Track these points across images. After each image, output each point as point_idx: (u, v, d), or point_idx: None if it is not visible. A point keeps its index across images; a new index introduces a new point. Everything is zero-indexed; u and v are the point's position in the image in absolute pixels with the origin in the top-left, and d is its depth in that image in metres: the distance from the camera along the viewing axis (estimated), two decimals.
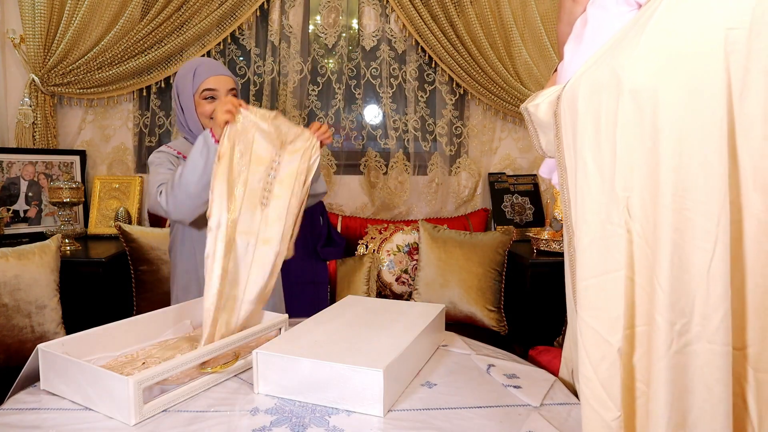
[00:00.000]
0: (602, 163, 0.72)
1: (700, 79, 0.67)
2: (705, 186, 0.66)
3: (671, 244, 0.67)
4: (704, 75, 0.67)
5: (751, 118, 0.66)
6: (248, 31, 2.81)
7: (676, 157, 0.67)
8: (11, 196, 2.54)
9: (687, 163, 0.67)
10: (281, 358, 1.14)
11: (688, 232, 0.67)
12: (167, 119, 2.83)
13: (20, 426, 1.02)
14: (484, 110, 2.99)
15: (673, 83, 0.68)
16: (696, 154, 0.67)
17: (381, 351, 1.15)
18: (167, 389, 1.11)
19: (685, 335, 0.67)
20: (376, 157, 2.95)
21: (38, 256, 1.87)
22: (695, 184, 0.66)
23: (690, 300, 0.67)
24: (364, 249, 2.64)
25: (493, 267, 2.44)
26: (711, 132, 0.66)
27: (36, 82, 2.55)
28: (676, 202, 0.67)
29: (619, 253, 0.71)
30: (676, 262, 0.67)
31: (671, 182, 0.67)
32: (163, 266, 2.30)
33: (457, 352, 1.43)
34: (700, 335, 0.67)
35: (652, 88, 0.68)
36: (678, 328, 0.68)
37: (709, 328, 0.66)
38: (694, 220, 0.66)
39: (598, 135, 0.72)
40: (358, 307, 1.49)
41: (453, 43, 2.76)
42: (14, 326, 1.76)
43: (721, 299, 0.66)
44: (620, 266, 0.71)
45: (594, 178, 0.72)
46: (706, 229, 0.66)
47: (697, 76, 0.67)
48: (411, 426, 1.04)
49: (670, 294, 0.67)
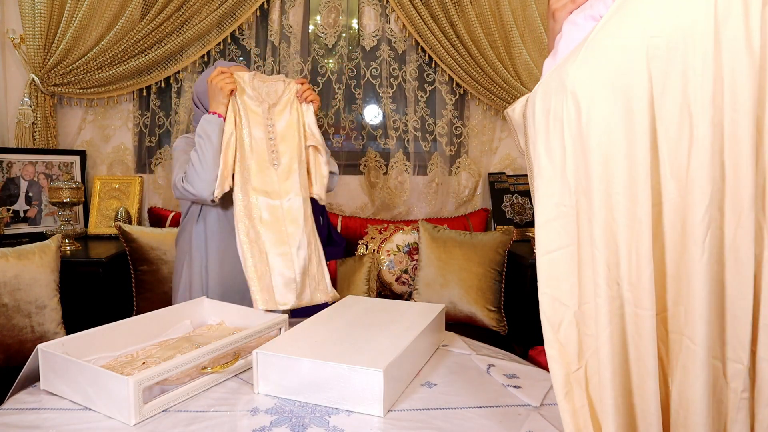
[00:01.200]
0: (553, 155, 0.84)
1: (626, 81, 0.78)
2: (628, 173, 0.78)
3: (604, 223, 0.80)
4: (629, 77, 0.78)
5: (670, 114, 0.78)
6: (248, 31, 2.81)
7: (605, 147, 0.80)
8: (11, 196, 2.54)
9: (613, 153, 0.79)
10: (281, 358, 1.14)
11: (615, 211, 0.79)
12: (167, 119, 2.83)
13: (20, 426, 1.02)
14: (484, 110, 2.99)
15: (603, 85, 0.80)
16: (620, 147, 0.79)
17: (381, 351, 1.15)
18: (167, 389, 1.11)
19: (618, 299, 0.80)
20: (376, 157, 2.95)
21: (38, 256, 1.87)
22: (619, 171, 0.79)
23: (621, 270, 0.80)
24: (364, 249, 2.64)
25: (493, 267, 2.44)
26: (634, 129, 0.78)
27: (36, 82, 2.55)
28: (606, 185, 0.80)
29: (572, 230, 0.84)
30: (609, 238, 0.80)
31: (600, 168, 0.80)
32: (163, 266, 2.30)
33: (457, 352, 1.43)
34: (629, 300, 0.80)
35: (588, 89, 0.80)
36: (613, 293, 0.81)
37: (636, 293, 0.79)
38: (620, 201, 0.79)
39: (548, 131, 0.85)
40: (358, 307, 1.49)
41: (453, 43, 2.76)
42: (14, 326, 1.76)
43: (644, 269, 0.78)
44: (573, 241, 0.84)
45: (546, 167, 0.85)
46: (629, 209, 0.78)
47: (623, 79, 0.79)
48: (411, 426, 1.04)
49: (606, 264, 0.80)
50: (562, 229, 0.84)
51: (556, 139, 0.83)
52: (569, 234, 0.84)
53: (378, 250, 2.62)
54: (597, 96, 0.80)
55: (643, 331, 0.79)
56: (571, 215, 0.84)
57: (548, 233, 0.85)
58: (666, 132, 0.78)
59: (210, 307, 1.53)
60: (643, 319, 0.79)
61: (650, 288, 0.78)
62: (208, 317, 1.52)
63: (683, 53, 0.76)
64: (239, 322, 1.46)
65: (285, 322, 1.41)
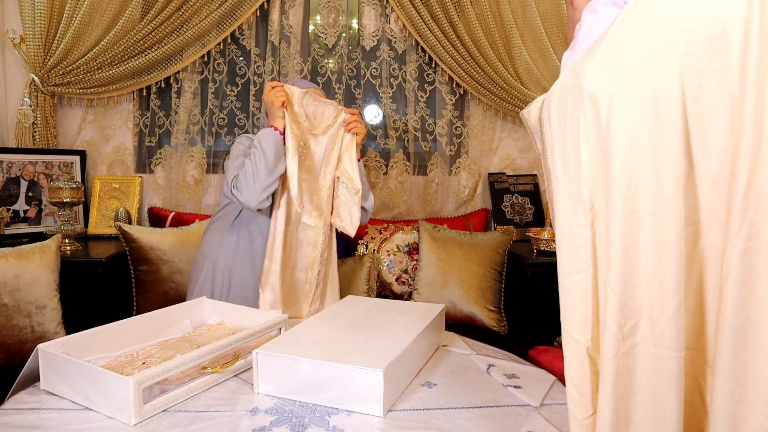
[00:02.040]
0: (568, 166, 0.74)
1: (653, 82, 0.68)
2: (654, 189, 0.67)
3: (622, 246, 0.68)
4: (656, 78, 0.68)
5: (709, 117, 0.67)
6: (248, 31, 2.81)
7: (627, 160, 0.68)
8: (11, 196, 2.54)
9: (638, 166, 0.68)
10: (281, 358, 1.14)
11: (637, 234, 0.68)
12: (167, 119, 2.83)
13: (20, 426, 1.02)
14: (484, 110, 2.99)
15: (627, 87, 0.69)
16: (646, 156, 0.68)
17: (381, 351, 1.15)
18: (167, 389, 1.11)
19: (632, 337, 0.68)
20: (376, 157, 2.95)
21: (38, 256, 1.87)
22: (644, 187, 0.67)
23: (638, 302, 0.68)
24: (364, 249, 2.64)
25: (493, 267, 2.44)
26: (662, 135, 0.67)
27: (36, 82, 2.55)
28: (627, 205, 0.68)
29: (585, 254, 0.73)
30: (626, 264, 0.68)
31: (623, 185, 0.68)
32: (163, 266, 2.30)
33: (457, 352, 1.43)
34: (647, 337, 0.68)
35: (608, 93, 0.69)
36: (626, 330, 0.69)
37: (656, 330, 0.67)
38: (643, 222, 0.68)
39: (564, 138, 0.74)
40: (358, 307, 1.49)
41: (453, 43, 2.76)
42: (14, 326, 1.76)
43: (669, 301, 0.66)
44: (587, 266, 0.73)
45: (562, 180, 0.74)
46: (654, 231, 0.67)
47: (649, 80, 0.68)
48: (411, 426, 1.04)
49: (619, 295, 0.68)
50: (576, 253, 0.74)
51: (572, 149, 0.73)
52: (582, 258, 0.73)
53: (378, 250, 2.62)
54: (618, 100, 0.69)
55: (663, 375, 0.67)
56: (586, 236, 0.73)
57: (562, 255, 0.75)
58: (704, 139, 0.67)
59: (210, 307, 1.53)
60: (665, 360, 0.67)
61: (676, 324, 0.66)
62: (208, 317, 1.52)
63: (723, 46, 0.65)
64: (239, 322, 1.46)
65: (285, 322, 1.41)
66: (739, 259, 0.64)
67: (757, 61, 0.63)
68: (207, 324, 1.50)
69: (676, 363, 0.67)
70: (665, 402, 0.67)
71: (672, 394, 0.67)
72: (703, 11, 0.66)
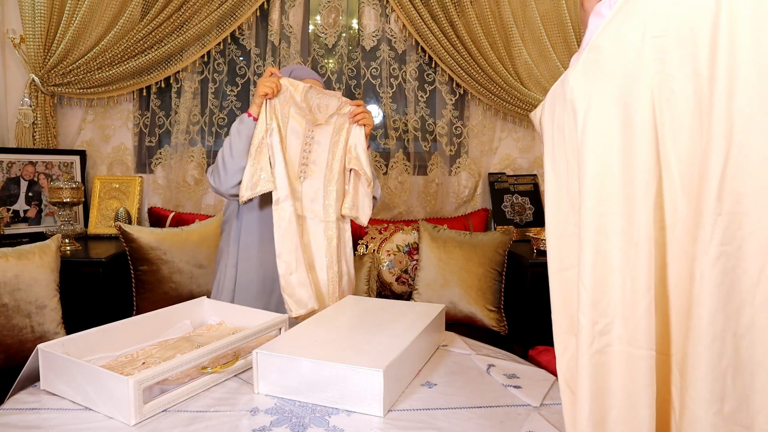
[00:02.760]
0: (557, 167, 0.76)
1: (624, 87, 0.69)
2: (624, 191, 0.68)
3: (593, 245, 0.69)
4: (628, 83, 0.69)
5: (679, 122, 0.68)
6: (248, 31, 2.81)
7: (599, 163, 0.70)
8: (11, 196, 2.54)
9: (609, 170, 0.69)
10: (281, 358, 1.14)
11: (608, 234, 0.69)
12: (167, 119, 2.83)
13: (20, 426, 1.02)
14: (484, 110, 2.99)
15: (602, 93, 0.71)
16: (617, 160, 0.69)
17: (381, 351, 1.15)
18: (167, 389, 1.11)
19: (607, 335, 0.69)
20: (376, 157, 2.95)
21: (38, 256, 1.87)
22: (615, 188, 0.69)
23: (612, 301, 0.69)
24: (364, 249, 2.64)
25: (493, 267, 2.44)
26: (633, 139, 0.69)
27: (36, 82, 2.55)
28: (599, 206, 0.69)
29: (573, 251, 0.74)
30: (598, 263, 0.69)
31: (595, 186, 0.70)
32: (163, 266, 2.30)
33: (457, 352, 1.43)
34: (622, 336, 0.68)
35: (586, 99, 0.71)
36: (599, 328, 0.70)
37: (629, 329, 0.68)
38: (614, 222, 0.69)
39: (553, 142, 0.77)
40: (358, 307, 1.49)
41: (453, 43, 2.76)
42: (14, 326, 1.76)
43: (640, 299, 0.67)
44: (574, 263, 0.74)
45: (551, 181, 0.77)
46: (625, 231, 0.68)
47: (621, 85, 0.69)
48: (411, 426, 1.04)
49: (591, 293, 0.69)
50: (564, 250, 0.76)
51: (560, 152, 0.76)
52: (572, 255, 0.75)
53: (378, 250, 2.62)
54: (593, 105, 0.71)
55: (636, 374, 0.68)
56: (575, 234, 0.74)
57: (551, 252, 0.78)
58: (674, 144, 0.68)
59: (210, 307, 1.53)
60: (637, 359, 0.68)
61: (647, 323, 0.67)
62: (208, 317, 1.52)
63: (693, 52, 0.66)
64: (239, 322, 1.46)
65: (285, 322, 1.41)
66: (713, 263, 0.64)
67: (726, 67, 0.64)
68: (207, 324, 1.50)
69: (649, 362, 0.68)
70: (638, 401, 0.68)
71: (645, 394, 0.68)
72: (674, 19, 0.67)
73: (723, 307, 0.64)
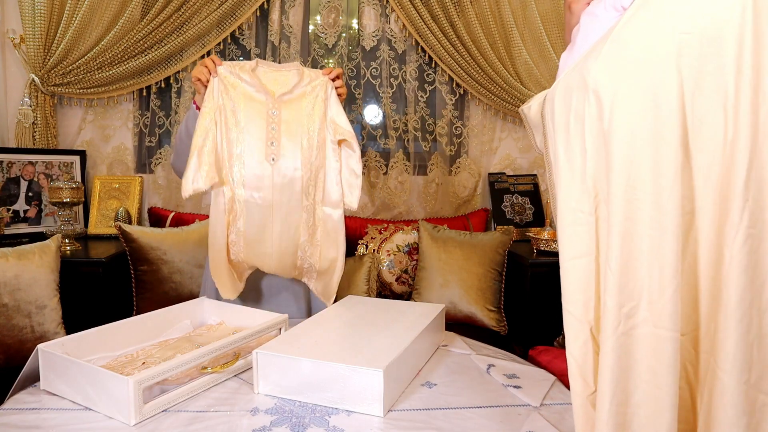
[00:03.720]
0: (572, 157, 0.78)
1: (653, 80, 0.72)
2: (653, 178, 0.72)
3: (622, 231, 0.73)
4: (657, 76, 0.72)
5: (705, 116, 0.71)
6: (248, 31, 2.81)
7: (628, 152, 0.73)
8: (11, 196, 2.54)
9: (638, 158, 0.72)
10: (281, 358, 1.14)
11: (637, 220, 0.72)
12: (167, 119, 2.83)
13: (20, 426, 1.02)
14: (484, 110, 2.99)
15: (629, 85, 0.74)
16: (646, 149, 0.72)
17: (381, 351, 1.15)
18: (167, 389, 1.11)
19: (632, 318, 0.72)
20: (376, 157, 2.95)
21: (38, 256, 1.87)
22: (644, 176, 0.72)
23: (638, 285, 0.72)
24: (364, 249, 2.64)
25: (493, 267, 2.44)
26: (662, 129, 0.72)
27: (36, 82, 2.55)
28: (628, 193, 0.73)
29: (589, 239, 0.77)
30: (626, 248, 0.72)
31: (624, 174, 0.73)
32: (163, 266, 2.30)
33: (457, 352, 1.43)
34: (647, 319, 0.72)
35: (611, 89, 0.74)
36: (625, 311, 0.73)
37: (655, 312, 0.71)
38: (643, 209, 0.72)
39: (568, 131, 0.79)
40: (358, 307, 1.49)
41: (453, 43, 2.76)
42: (14, 326, 1.76)
43: (668, 284, 0.70)
44: (590, 251, 0.77)
45: (565, 170, 0.79)
46: (653, 217, 0.71)
47: (650, 77, 0.73)
48: (411, 426, 1.04)
49: (618, 277, 0.72)
50: (578, 238, 0.78)
51: (577, 140, 0.78)
52: (586, 243, 0.77)
53: (378, 250, 2.62)
54: (621, 95, 0.73)
55: (663, 355, 0.71)
56: (590, 223, 0.77)
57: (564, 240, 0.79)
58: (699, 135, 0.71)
59: (210, 307, 1.53)
60: (663, 340, 0.70)
61: (674, 306, 0.70)
62: (208, 317, 1.52)
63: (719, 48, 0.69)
64: (239, 322, 1.46)
65: (285, 322, 1.41)
66: (741, 245, 0.68)
67: (751, 61, 0.68)
68: (207, 324, 1.50)
69: (674, 344, 0.71)
70: (663, 382, 0.71)
71: (670, 375, 0.71)
72: (701, 16, 0.71)
73: (750, 285, 0.69)
